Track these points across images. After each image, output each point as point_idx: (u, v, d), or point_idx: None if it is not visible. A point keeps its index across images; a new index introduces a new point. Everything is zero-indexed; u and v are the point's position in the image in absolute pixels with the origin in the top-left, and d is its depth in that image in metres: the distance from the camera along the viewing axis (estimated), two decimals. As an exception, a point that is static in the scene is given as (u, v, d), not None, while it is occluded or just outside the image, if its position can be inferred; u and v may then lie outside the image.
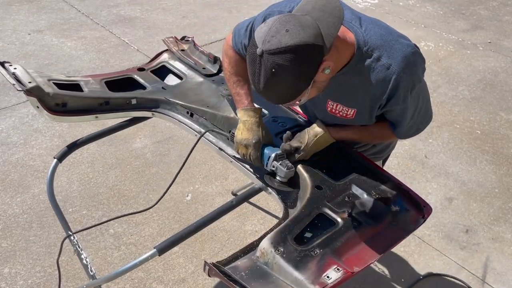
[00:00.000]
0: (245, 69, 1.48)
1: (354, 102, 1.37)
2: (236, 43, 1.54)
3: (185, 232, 1.33)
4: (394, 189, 1.40)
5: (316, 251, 1.15)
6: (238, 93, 1.54)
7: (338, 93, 1.38)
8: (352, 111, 1.39)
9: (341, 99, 1.39)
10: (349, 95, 1.36)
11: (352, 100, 1.37)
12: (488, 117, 3.65)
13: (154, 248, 1.29)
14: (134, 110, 1.77)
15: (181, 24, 4.80)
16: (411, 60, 1.25)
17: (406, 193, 1.39)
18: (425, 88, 1.40)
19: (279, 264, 1.11)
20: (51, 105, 1.59)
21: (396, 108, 1.34)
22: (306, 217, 1.25)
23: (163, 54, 2.04)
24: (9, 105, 3.37)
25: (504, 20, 5.50)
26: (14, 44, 4.20)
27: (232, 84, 1.55)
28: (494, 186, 2.95)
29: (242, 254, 1.17)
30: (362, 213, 1.29)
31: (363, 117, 1.41)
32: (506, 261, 2.46)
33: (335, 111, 1.43)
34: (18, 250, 2.33)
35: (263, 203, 2.70)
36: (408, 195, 1.39)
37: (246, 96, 1.52)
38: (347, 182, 1.40)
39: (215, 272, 1.07)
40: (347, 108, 1.39)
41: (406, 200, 1.37)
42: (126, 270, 1.35)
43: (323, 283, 1.06)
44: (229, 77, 1.57)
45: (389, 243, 1.24)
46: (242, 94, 1.52)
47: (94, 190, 2.72)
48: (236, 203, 1.45)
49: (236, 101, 1.55)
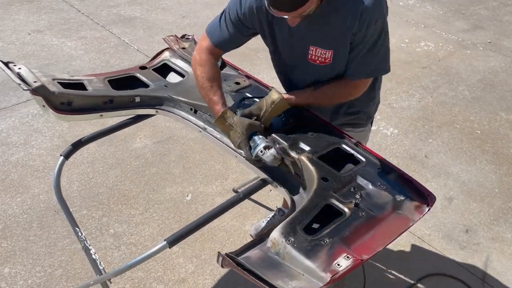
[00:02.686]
0: (216, 72, 1.62)
1: (331, 43, 1.49)
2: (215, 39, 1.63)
3: (195, 225, 1.35)
4: (398, 179, 1.42)
5: (326, 240, 1.18)
6: (211, 100, 1.59)
7: (317, 35, 1.50)
8: (329, 54, 1.51)
9: (320, 41, 1.51)
10: (327, 35, 1.48)
11: (330, 41, 1.49)
12: (488, 117, 3.66)
13: (164, 241, 1.29)
14: (138, 108, 1.78)
15: (181, 24, 4.80)
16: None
17: (410, 183, 1.41)
18: (387, 31, 1.50)
19: (290, 253, 1.14)
20: (56, 104, 1.60)
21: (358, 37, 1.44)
22: (314, 208, 1.28)
23: (164, 52, 2.04)
24: (9, 105, 3.37)
25: (504, 20, 5.50)
26: (14, 44, 4.20)
27: (205, 91, 1.61)
28: (494, 186, 2.96)
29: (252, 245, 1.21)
30: (368, 203, 1.32)
31: (339, 59, 1.52)
32: (506, 261, 2.46)
33: (315, 58, 1.54)
34: (18, 250, 2.33)
35: (263, 202, 2.70)
36: (412, 184, 1.41)
37: (218, 101, 1.58)
38: (352, 174, 1.43)
39: (229, 262, 1.10)
40: (325, 51, 1.51)
41: (410, 189, 1.39)
42: (137, 263, 1.36)
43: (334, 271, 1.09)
44: (201, 83, 1.61)
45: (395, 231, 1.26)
46: (215, 101, 1.58)
47: (94, 190, 2.72)
48: (243, 196, 1.47)
49: (210, 108, 1.61)
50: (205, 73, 1.61)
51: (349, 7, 1.40)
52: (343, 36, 1.46)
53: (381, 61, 1.55)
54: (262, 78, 3.71)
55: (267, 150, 1.42)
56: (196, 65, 1.64)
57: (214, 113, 1.58)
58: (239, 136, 1.49)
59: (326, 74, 1.60)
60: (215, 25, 1.64)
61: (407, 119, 3.56)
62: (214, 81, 1.60)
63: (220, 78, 1.64)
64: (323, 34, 1.49)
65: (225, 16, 1.61)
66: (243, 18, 1.56)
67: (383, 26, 1.47)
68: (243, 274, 1.08)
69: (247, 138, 1.48)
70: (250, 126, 1.49)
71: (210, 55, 1.64)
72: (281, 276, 1.10)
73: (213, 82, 1.60)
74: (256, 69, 4.07)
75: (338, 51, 1.51)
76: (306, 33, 1.50)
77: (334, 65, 1.55)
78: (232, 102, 1.72)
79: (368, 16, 1.40)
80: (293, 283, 1.08)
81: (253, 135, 1.48)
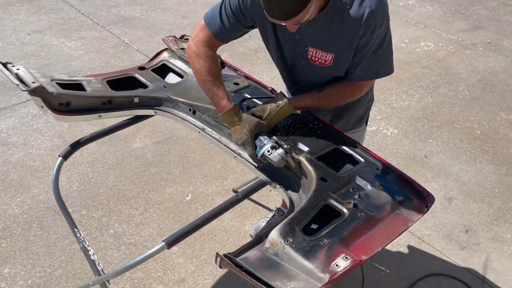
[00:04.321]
0: (217, 66, 1.57)
1: (332, 46, 1.48)
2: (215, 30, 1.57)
3: (193, 226, 1.35)
4: (397, 179, 1.42)
5: (324, 241, 1.18)
6: (216, 95, 1.54)
7: (318, 38, 1.49)
8: (330, 57, 1.50)
9: (321, 44, 1.50)
10: (328, 38, 1.47)
11: (331, 44, 1.48)
12: (488, 117, 3.65)
13: (162, 241, 1.29)
14: (136, 108, 1.77)
15: (181, 24, 4.80)
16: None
17: (409, 183, 1.42)
18: (390, 34, 1.50)
19: (288, 254, 1.14)
20: (55, 104, 1.60)
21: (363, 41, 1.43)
22: (312, 208, 1.28)
23: (163, 52, 2.04)
24: (9, 105, 3.37)
25: (504, 20, 5.50)
26: (14, 44, 4.20)
27: (207, 85, 1.55)
28: (494, 186, 2.95)
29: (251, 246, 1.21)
30: (367, 203, 1.32)
31: (340, 62, 1.51)
32: (506, 261, 2.46)
33: (315, 59, 1.54)
34: (18, 250, 2.33)
35: (263, 202, 2.70)
36: (411, 185, 1.41)
37: (223, 96, 1.54)
38: (350, 174, 1.43)
39: (227, 263, 1.10)
40: (326, 54, 1.50)
41: (409, 189, 1.39)
42: (136, 264, 1.36)
43: (333, 271, 1.09)
44: (204, 77, 1.56)
45: (394, 232, 1.26)
46: (219, 95, 1.54)
47: (94, 190, 2.72)
48: (242, 196, 1.46)
49: (214, 103, 1.56)
50: (205, 66, 1.56)
51: (354, 12, 1.39)
52: (348, 41, 1.44)
53: (386, 63, 1.55)
54: (262, 79, 3.72)
55: (274, 150, 1.42)
56: (195, 57, 1.58)
57: (219, 108, 1.53)
58: (246, 134, 1.47)
59: (328, 74, 1.59)
60: (214, 15, 1.58)
61: (407, 119, 3.56)
62: (216, 74, 1.56)
63: (221, 71, 1.61)
64: (326, 37, 1.47)
65: (225, 6, 1.55)
66: (245, 8, 1.52)
67: (387, 29, 1.47)
68: (241, 275, 1.08)
69: (253, 136, 1.47)
70: (258, 125, 1.48)
71: (209, 46, 1.59)
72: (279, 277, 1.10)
73: (216, 75, 1.56)
74: (256, 69, 4.07)
75: (340, 55, 1.49)
76: (307, 35, 1.49)
77: (335, 67, 1.55)
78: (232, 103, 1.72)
79: (374, 21, 1.39)
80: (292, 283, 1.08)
81: (259, 135, 1.48)
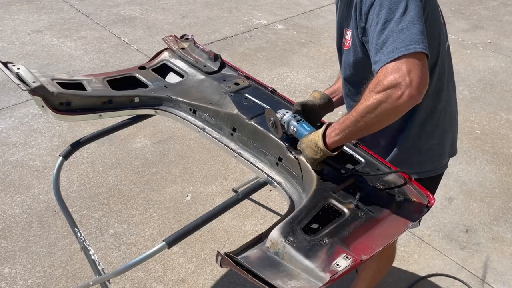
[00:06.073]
0: None
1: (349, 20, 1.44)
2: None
3: (193, 226, 1.35)
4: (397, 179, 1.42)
5: (325, 241, 1.18)
6: None
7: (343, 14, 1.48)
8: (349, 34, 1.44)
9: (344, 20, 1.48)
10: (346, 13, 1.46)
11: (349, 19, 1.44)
12: (488, 117, 3.66)
13: (163, 241, 1.29)
14: (137, 108, 1.77)
15: (181, 24, 4.80)
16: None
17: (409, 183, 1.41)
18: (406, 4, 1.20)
19: (289, 253, 1.14)
20: (55, 104, 1.60)
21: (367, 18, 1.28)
22: (313, 208, 1.28)
23: (163, 52, 2.04)
24: (9, 105, 3.37)
25: (504, 20, 5.50)
26: (14, 44, 4.20)
27: None
28: (494, 186, 2.96)
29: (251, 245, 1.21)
30: (368, 203, 1.32)
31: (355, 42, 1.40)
32: (506, 261, 2.46)
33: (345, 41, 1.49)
34: (18, 250, 2.33)
35: (263, 202, 2.70)
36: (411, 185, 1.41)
37: None
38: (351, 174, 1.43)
39: (228, 262, 1.10)
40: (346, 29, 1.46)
41: (409, 190, 1.39)
42: (136, 264, 1.36)
43: (334, 271, 1.08)
44: None
45: (395, 232, 1.26)
46: None
47: (94, 190, 2.72)
48: (242, 196, 1.46)
49: None
50: None
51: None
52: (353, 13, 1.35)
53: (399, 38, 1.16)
54: (262, 78, 3.72)
55: None
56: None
57: None
58: None
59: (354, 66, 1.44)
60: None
61: (407, 119, 3.56)
62: None
63: None
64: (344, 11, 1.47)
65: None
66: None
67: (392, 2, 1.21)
68: (242, 274, 1.08)
69: None
70: None
71: None
72: (280, 276, 1.10)
73: None
74: (256, 69, 4.06)
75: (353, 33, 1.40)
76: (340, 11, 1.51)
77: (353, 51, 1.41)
78: (232, 103, 1.72)
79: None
80: (292, 282, 1.08)
81: None
